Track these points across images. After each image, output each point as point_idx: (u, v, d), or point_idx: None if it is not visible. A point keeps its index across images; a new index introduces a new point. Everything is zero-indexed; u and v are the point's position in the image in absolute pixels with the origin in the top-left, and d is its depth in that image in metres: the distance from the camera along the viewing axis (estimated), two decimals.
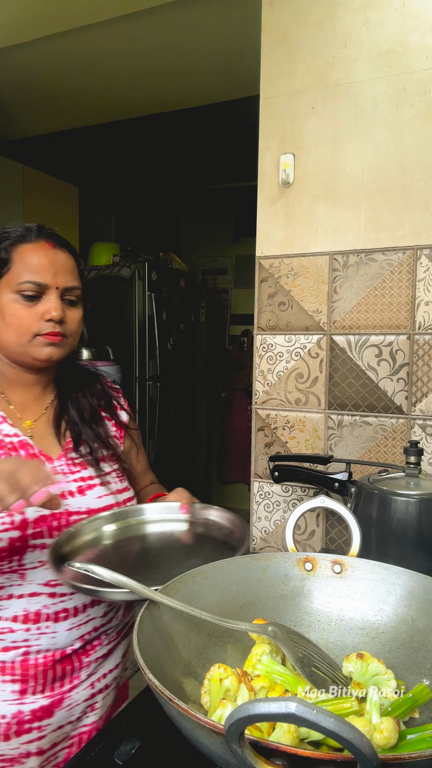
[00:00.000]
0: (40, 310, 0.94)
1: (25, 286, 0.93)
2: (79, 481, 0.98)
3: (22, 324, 0.94)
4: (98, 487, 1.00)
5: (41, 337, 0.94)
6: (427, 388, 1.26)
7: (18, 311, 0.94)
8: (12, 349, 0.96)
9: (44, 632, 0.91)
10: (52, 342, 0.95)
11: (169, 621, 0.65)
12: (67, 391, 1.07)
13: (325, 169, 1.35)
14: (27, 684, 0.90)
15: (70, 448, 1.01)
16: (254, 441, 1.47)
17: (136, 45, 2.39)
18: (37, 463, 0.78)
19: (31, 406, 1.02)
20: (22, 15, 2.15)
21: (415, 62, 1.25)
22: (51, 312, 0.93)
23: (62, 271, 0.96)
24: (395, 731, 0.53)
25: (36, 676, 0.91)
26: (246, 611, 0.72)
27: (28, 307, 0.94)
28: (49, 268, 0.95)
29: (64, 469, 0.98)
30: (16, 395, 1.01)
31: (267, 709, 0.36)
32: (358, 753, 0.36)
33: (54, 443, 1.01)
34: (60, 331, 0.95)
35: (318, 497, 0.80)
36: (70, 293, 0.98)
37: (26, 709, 0.90)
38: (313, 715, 0.35)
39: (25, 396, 1.02)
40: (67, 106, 3.07)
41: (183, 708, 0.45)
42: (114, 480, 1.03)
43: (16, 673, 0.90)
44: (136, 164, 4.30)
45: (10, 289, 0.94)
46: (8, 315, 0.94)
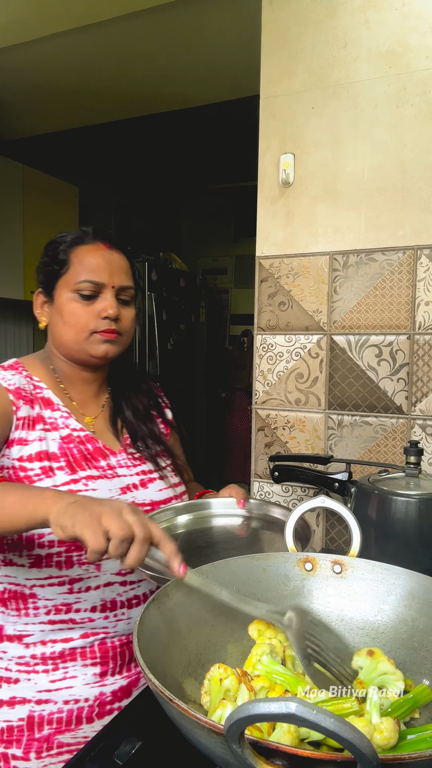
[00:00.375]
0: (97, 308, 0.99)
1: (82, 285, 0.98)
2: (141, 475, 1.04)
3: (79, 322, 0.98)
4: (158, 480, 1.06)
5: (98, 335, 0.99)
6: (427, 388, 1.26)
7: (76, 309, 0.99)
8: (70, 346, 1.01)
9: (120, 619, 0.96)
10: (108, 339, 1.00)
11: (170, 621, 0.65)
12: (120, 390, 1.13)
13: (325, 169, 1.35)
14: (107, 666, 0.95)
15: (128, 444, 1.07)
16: (254, 441, 1.47)
17: (136, 45, 2.39)
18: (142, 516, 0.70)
19: (90, 403, 1.08)
20: (22, 15, 2.15)
21: (415, 62, 1.25)
22: (107, 310, 0.98)
23: (117, 271, 1.01)
24: (395, 731, 0.53)
25: (114, 658, 0.96)
26: None
27: (86, 306, 0.99)
28: (106, 267, 1.00)
29: (127, 462, 1.04)
30: (76, 392, 1.06)
31: (267, 710, 0.36)
32: (358, 753, 0.36)
33: (113, 439, 1.06)
34: (115, 328, 1.00)
35: (318, 497, 0.80)
36: (125, 293, 1.03)
37: (107, 690, 0.95)
38: (313, 716, 0.35)
39: (84, 393, 1.07)
40: (67, 106, 3.07)
41: (183, 708, 0.45)
42: (170, 474, 1.09)
43: (96, 657, 0.95)
44: (136, 164, 4.30)
45: (68, 289, 0.99)
46: (66, 313, 0.99)
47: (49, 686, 0.93)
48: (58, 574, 0.92)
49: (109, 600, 0.95)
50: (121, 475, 1.01)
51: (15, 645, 0.94)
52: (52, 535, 0.90)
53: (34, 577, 0.92)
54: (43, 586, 0.92)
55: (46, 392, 1.02)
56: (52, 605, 0.93)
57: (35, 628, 0.93)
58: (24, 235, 3.48)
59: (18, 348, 3.81)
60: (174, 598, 0.67)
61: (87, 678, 0.94)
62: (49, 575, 0.92)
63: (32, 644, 0.93)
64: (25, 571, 0.92)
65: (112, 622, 0.96)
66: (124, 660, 0.97)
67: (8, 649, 0.94)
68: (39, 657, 0.93)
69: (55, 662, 0.93)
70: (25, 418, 0.96)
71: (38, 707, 0.92)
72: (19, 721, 0.92)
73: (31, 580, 0.92)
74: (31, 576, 0.92)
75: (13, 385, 0.97)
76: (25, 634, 0.94)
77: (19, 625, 0.94)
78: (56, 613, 0.93)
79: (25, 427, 0.96)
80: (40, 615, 0.93)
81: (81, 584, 0.93)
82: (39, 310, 1.07)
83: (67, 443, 0.98)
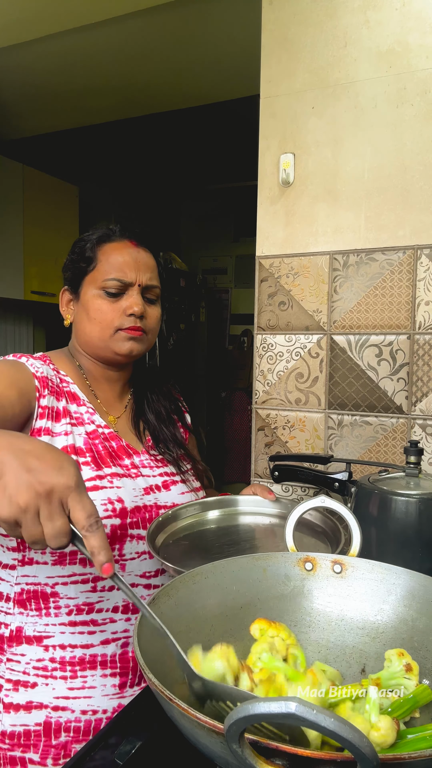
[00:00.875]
0: (123, 305, 0.99)
1: (109, 283, 0.98)
2: (164, 476, 1.04)
3: (105, 318, 0.98)
4: (180, 483, 1.05)
5: (123, 332, 0.99)
6: (427, 387, 1.26)
7: (102, 306, 0.99)
8: (95, 343, 1.01)
9: None
10: (132, 336, 1.00)
11: (171, 620, 0.65)
12: (143, 392, 1.12)
13: (325, 169, 1.35)
14: (126, 677, 0.93)
15: (151, 445, 1.06)
16: (254, 441, 1.47)
17: (136, 45, 2.39)
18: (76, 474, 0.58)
19: (114, 403, 1.08)
20: (22, 15, 2.15)
21: (415, 62, 1.25)
22: (133, 307, 0.98)
23: (144, 269, 1.01)
24: (393, 729, 0.52)
25: (135, 669, 0.94)
26: (246, 611, 0.72)
27: (111, 303, 0.99)
28: (133, 265, 1.00)
29: (150, 463, 1.03)
30: (100, 391, 1.06)
31: (267, 709, 0.36)
32: (358, 753, 0.36)
33: (136, 440, 1.06)
34: (140, 326, 1.00)
35: (318, 497, 0.80)
36: (151, 292, 1.03)
37: (126, 703, 0.91)
38: (313, 715, 0.35)
39: (108, 392, 1.07)
40: (67, 106, 3.07)
41: (183, 708, 0.45)
42: (191, 478, 1.10)
43: (117, 667, 0.93)
44: (136, 164, 4.30)
45: (94, 286, 0.99)
46: (92, 310, 0.99)
47: (67, 693, 0.91)
48: (82, 572, 0.91)
49: (131, 602, 0.94)
50: (144, 475, 1.01)
51: (34, 648, 0.92)
52: None
53: (57, 574, 0.91)
54: (66, 584, 0.91)
55: (72, 387, 1.01)
56: (74, 605, 0.91)
57: (56, 629, 0.91)
58: (24, 235, 3.48)
59: (18, 348, 3.81)
60: (174, 598, 0.67)
61: (106, 689, 0.92)
62: (73, 572, 0.91)
63: (51, 647, 0.91)
64: (48, 569, 0.91)
65: (133, 625, 0.94)
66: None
67: (27, 652, 0.92)
68: (58, 661, 0.91)
69: (74, 669, 0.91)
70: (48, 408, 0.94)
71: (55, 714, 0.91)
72: (36, 725, 0.91)
73: (54, 578, 0.91)
74: (54, 574, 0.91)
75: (40, 373, 0.96)
76: (45, 635, 0.92)
77: (39, 626, 0.92)
78: (78, 613, 0.91)
79: (49, 417, 0.94)
80: (61, 615, 0.91)
81: (105, 583, 0.92)
82: (65, 307, 1.06)
83: (93, 439, 0.97)
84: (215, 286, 5.22)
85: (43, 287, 3.58)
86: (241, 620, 0.71)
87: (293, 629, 0.73)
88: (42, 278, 3.60)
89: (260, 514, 1.07)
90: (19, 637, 0.93)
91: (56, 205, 3.74)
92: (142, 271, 1.01)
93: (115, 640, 0.93)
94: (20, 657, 0.92)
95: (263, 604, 0.73)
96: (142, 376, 1.15)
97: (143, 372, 1.15)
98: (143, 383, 1.14)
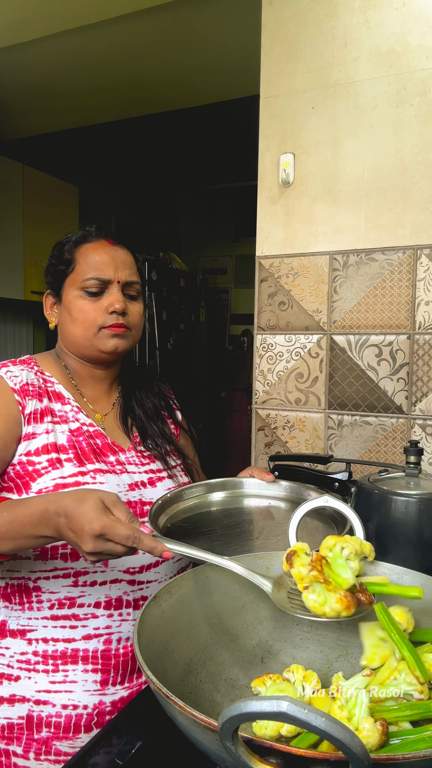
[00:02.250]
0: (104, 303, 1.00)
1: (89, 282, 1.00)
2: (150, 473, 1.04)
3: (87, 318, 1.00)
4: (167, 479, 1.06)
5: (106, 329, 1.00)
6: (427, 387, 1.26)
7: (83, 306, 1.00)
8: (80, 343, 1.02)
9: (125, 619, 0.95)
10: (116, 333, 1.01)
11: (171, 619, 0.65)
12: (131, 389, 1.14)
13: (325, 169, 1.35)
14: (108, 674, 0.94)
15: (138, 441, 1.07)
16: (254, 441, 1.47)
17: (136, 45, 2.39)
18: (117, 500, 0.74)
19: (101, 400, 1.09)
20: (22, 15, 2.15)
21: (415, 62, 1.25)
22: (114, 305, 1.00)
23: (122, 266, 1.03)
24: (375, 732, 0.52)
25: (117, 667, 0.94)
26: (248, 609, 0.72)
27: (93, 302, 1.01)
28: (110, 263, 1.02)
29: (135, 460, 1.04)
30: (87, 389, 1.08)
31: (259, 708, 0.37)
32: (350, 753, 0.36)
33: (123, 437, 1.07)
34: (123, 322, 1.01)
35: (322, 496, 0.80)
36: (131, 288, 1.04)
37: (107, 700, 0.94)
38: (304, 714, 0.35)
39: (95, 390, 1.08)
40: (67, 106, 3.07)
41: (180, 705, 0.45)
42: (179, 474, 1.10)
43: (98, 663, 0.93)
44: (136, 164, 4.30)
45: (75, 287, 1.02)
46: (74, 311, 1.01)
47: (49, 687, 0.92)
48: (64, 566, 0.92)
49: (114, 598, 0.94)
50: (130, 471, 1.02)
51: (18, 641, 0.94)
52: None
53: (39, 569, 0.92)
54: (48, 578, 0.92)
55: (57, 386, 1.04)
56: (55, 599, 0.93)
57: (38, 623, 0.93)
58: (24, 235, 3.48)
59: (18, 348, 3.81)
60: (175, 597, 0.67)
61: (87, 685, 0.93)
62: (54, 567, 0.92)
63: (34, 640, 0.93)
64: (30, 564, 0.93)
65: (116, 622, 0.94)
66: (127, 670, 0.95)
67: (11, 645, 0.94)
68: (40, 655, 0.93)
69: (56, 663, 0.93)
70: (32, 412, 0.97)
71: (37, 707, 0.92)
72: (19, 719, 0.93)
73: (36, 573, 0.93)
74: (36, 568, 0.92)
75: (19, 383, 0.98)
76: (28, 629, 0.94)
77: (22, 620, 0.94)
78: (59, 608, 0.93)
79: (32, 421, 0.96)
80: (43, 609, 0.93)
81: (87, 578, 0.93)
82: (48, 311, 1.09)
83: (77, 436, 0.99)
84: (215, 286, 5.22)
85: (43, 287, 3.58)
86: (242, 619, 0.71)
87: (294, 629, 0.73)
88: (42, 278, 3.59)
89: (259, 496, 1.08)
90: (3, 630, 0.95)
91: (56, 205, 3.74)
92: (121, 269, 1.02)
93: (97, 636, 0.94)
94: (5, 650, 0.94)
95: (265, 603, 0.73)
96: (130, 374, 1.16)
97: (131, 370, 1.17)
98: (131, 381, 1.15)
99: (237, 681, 0.67)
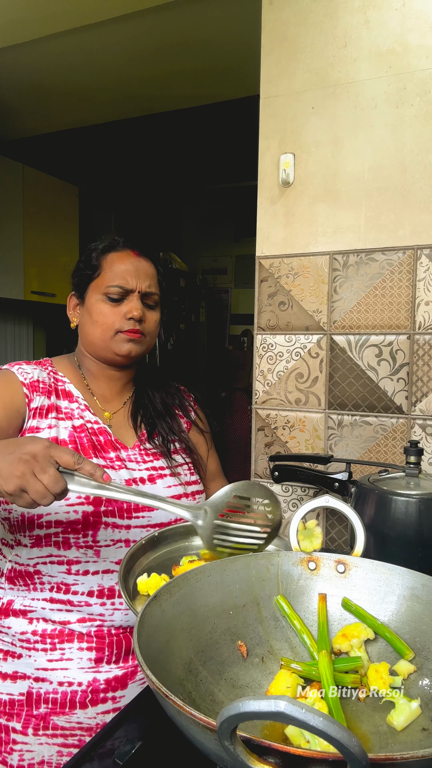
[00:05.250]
0: (123, 310, 1.06)
1: (112, 289, 1.06)
2: (151, 470, 1.07)
3: (106, 321, 1.06)
4: (168, 477, 1.09)
5: (122, 334, 1.06)
6: (427, 388, 1.26)
7: (104, 310, 1.07)
8: (97, 344, 1.08)
9: (118, 608, 0.98)
10: (132, 339, 1.07)
11: (171, 619, 0.65)
12: (144, 388, 1.19)
13: (325, 169, 1.35)
14: (102, 653, 0.98)
15: (145, 439, 1.11)
16: (254, 441, 1.47)
17: (136, 45, 2.40)
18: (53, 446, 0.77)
19: (112, 399, 1.14)
20: (22, 15, 2.15)
21: (415, 62, 1.25)
22: (132, 312, 1.06)
23: (144, 277, 1.09)
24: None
25: (111, 646, 0.98)
26: (249, 609, 0.72)
27: (113, 307, 1.07)
28: (134, 273, 1.08)
29: (137, 458, 1.08)
30: (98, 388, 1.13)
31: (257, 707, 0.37)
32: (347, 753, 0.36)
33: (130, 434, 1.11)
34: (139, 329, 1.07)
35: (323, 497, 0.80)
36: (150, 298, 1.11)
37: (101, 678, 0.97)
38: (302, 714, 0.35)
39: (106, 389, 1.13)
40: (67, 106, 3.07)
41: (179, 704, 0.45)
42: (184, 472, 1.12)
43: (93, 642, 0.98)
44: (136, 164, 4.30)
45: (98, 292, 1.08)
46: (95, 313, 1.07)
47: (47, 665, 0.97)
48: (58, 554, 0.97)
49: (107, 587, 0.98)
50: (129, 468, 1.04)
51: (19, 620, 0.99)
52: (49, 516, 0.95)
53: (36, 555, 0.97)
54: (45, 563, 0.97)
55: (68, 386, 1.09)
56: (54, 582, 0.97)
57: (38, 604, 0.98)
58: (24, 235, 3.48)
59: (18, 348, 3.81)
60: (175, 596, 0.67)
61: (82, 662, 0.97)
62: (50, 554, 0.97)
63: (35, 620, 0.98)
64: (28, 551, 0.97)
65: (109, 610, 0.98)
66: (121, 650, 0.99)
67: (13, 624, 0.99)
68: (39, 634, 0.97)
69: (53, 642, 0.97)
70: (38, 407, 1.02)
71: (36, 684, 0.97)
72: (20, 695, 0.97)
73: (34, 559, 0.97)
74: (33, 555, 0.97)
75: (29, 378, 1.04)
76: (29, 609, 0.98)
77: (26, 600, 0.99)
78: (57, 591, 0.97)
79: (37, 416, 1.01)
80: (44, 591, 0.98)
81: (79, 567, 0.97)
82: (71, 311, 1.15)
83: (79, 432, 1.03)
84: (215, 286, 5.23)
85: (43, 287, 3.58)
86: (243, 619, 0.71)
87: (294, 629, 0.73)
88: (42, 278, 3.59)
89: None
90: (8, 610, 1.00)
91: (56, 205, 3.74)
92: (142, 279, 1.08)
93: (92, 620, 0.98)
94: (7, 629, 1.00)
95: (266, 603, 0.73)
96: (146, 375, 1.21)
97: (148, 371, 1.22)
98: (146, 381, 1.20)
99: (237, 681, 0.67)
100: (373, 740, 0.59)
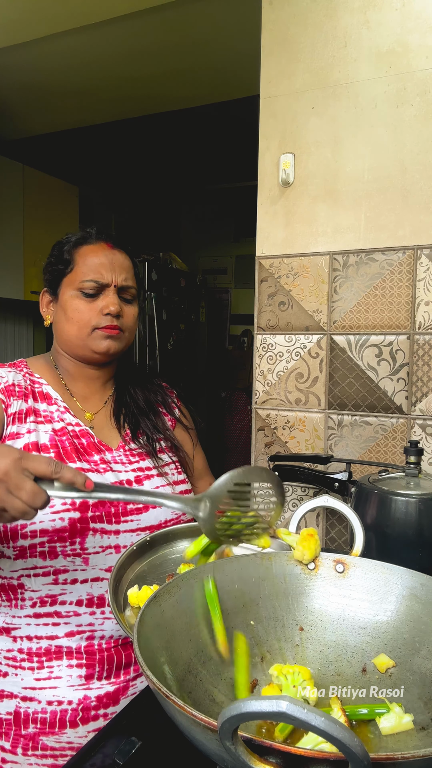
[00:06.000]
0: (99, 305, 1.01)
1: (86, 284, 1.01)
2: (137, 471, 1.03)
3: (82, 318, 1.01)
4: (155, 477, 1.04)
5: (100, 330, 1.01)
6: (427, 388, 1.26)
7: (79, 306, 1.01)
8: (73, 342, 1.03)
9: (108, 617, 0.94)
10: (109, 335, 1.02)
11: (171, 619, 0.65)
12: (125, 386, 1.14)
13: (325, 169, 1.35)
14: (93, 669, 0.93)
15: (129, 438, 1.07)
16: (254, 441, 1.47)
17: (136, 45, 2.40)
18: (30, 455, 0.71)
19: (92, 398, 1.09)
20: (22, 15, 2.15)
21: (415, 62, 1.25)
22: (109, 307, 1.01)
23: (119, 270, 1.04)
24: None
25: (101, 662, 0.94)
26: (248, 609, 0.72)
27: (88, 303, 1.01)
28: (108, 267, 1.02)
29: (123, 459, 1.03)
30: (77, 388, 1.08)
31: (258, 708, 0.37)
32: (349, 753, 0.36)
33: (113, 434, 1.07)
34: (117, 324, 1.02)
35: (322, 496, 0.80)
36: (127, 292, 1.05)
37: (92, 695, 0.93)
38: (304, 714, 0.35)
39: (86, 389, 1.08)
40: (67, 106, 3.07)
41: (179, 705, 0.45)
42: (172, 471, 1.08)
43: (83, 658, 0.93)
44: (136, 164, 4.30)
45: (72, 287, 1.02)
46: (70, 310, 1.02)
47: (34, 684, 0.92)
48: (43, 565, 0.92)
49: (96, 596, 0.94)
50: (115, 470, 1.00)
51: (3, 638, 0.94)
52: (33, 525, 0.90)
53: (20, 567, 0.92)
54: (30, 576, 0.92)
55: (45, 387, 1.04)
56: (37, 597, 0.92)
57: (22, 621, 0.93)
58: (24, 235, 3.48)
59: (18, 348, 3.81)
60: (175, 597, 0.67)
61: (72, 680, 0.92)
62: (35, 565, 0.92)
63: (19, 638, 0.94)
64: (11, 563, 0.93)
65: (99, 620, 0.94)
66: (112, 665, 0.94)
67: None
68: (25, 652, 0.93)
69: (41, 660, 0.93)
70: (16, 412, 0.97)
71: (23, 704, 0.93)
72: (7, 714, 0.93)
73: (18, 571, 0.93)
74: (17, 567, 0.92)
75: (4, 383, 0.99)
76: (13, 626, 0.94)
77: (8, 617, 0.94)
78: (41, 606, 0.92)
79: (16, 421, 0.96)
80: (26, 607, 0.93)
81: (67, 576, 0.92)
82: (45, 308, 1.09)
83: (60, 436, 0.98)
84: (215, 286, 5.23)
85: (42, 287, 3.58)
86: (243, 619, 0.71)
87: (294, 629, 0.73)
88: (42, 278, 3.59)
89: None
90: None
91: (56, 205, 3.74)
92: (118, 272, 1.03)
93: (80, 633, 0.93)
94: None
95: (265, 603, 0.73)
96: (127, 373, 1.16)
97: (128, 369, 1.17)
98: (127, 378, 1.15)
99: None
100: (374, 740, 0.59)
